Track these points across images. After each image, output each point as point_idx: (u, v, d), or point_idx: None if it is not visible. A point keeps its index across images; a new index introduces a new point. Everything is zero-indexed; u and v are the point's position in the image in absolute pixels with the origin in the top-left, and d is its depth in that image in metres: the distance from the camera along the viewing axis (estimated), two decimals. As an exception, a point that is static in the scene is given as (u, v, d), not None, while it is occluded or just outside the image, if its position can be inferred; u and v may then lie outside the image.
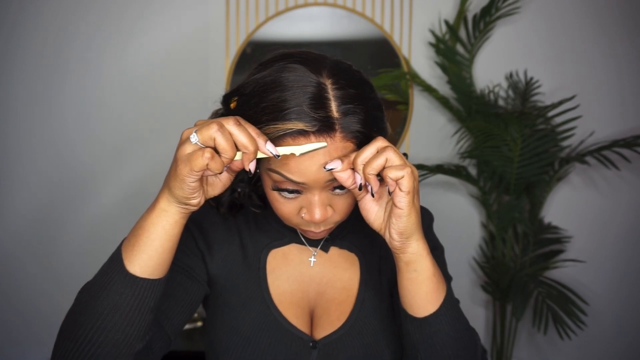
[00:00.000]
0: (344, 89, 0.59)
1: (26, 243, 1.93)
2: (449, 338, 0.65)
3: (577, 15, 1.94)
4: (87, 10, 1.87)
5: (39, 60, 1.88)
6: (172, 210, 0.57)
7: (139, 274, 0.57)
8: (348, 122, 0.58)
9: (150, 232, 0.57)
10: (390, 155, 0.57)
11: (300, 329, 0.74)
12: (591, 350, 2.04)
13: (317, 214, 0.63)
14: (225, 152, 0.53)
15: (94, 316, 0.57)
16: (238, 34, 1.91)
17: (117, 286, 0.57)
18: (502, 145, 1.78)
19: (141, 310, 0.58)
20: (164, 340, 0.68)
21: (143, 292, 0.58)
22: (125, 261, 0.58)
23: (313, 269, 0.77)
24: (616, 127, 1.95)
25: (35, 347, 1.95)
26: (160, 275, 0.59)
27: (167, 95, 1.93)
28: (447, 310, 0.65)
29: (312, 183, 0.60)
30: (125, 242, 0.59)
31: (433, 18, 1.93)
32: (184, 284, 0.72)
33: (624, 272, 2.02)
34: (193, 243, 0.75)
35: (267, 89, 0.59)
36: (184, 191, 0.55)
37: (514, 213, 1.82)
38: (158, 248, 0.58)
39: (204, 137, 0.52)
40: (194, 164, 0.52)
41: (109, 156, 1.94)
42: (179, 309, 0.70)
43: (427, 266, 0.64)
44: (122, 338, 0.57)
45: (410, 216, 0.60)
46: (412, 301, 0.65)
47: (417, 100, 1.97)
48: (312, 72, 0.59)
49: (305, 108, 0.57)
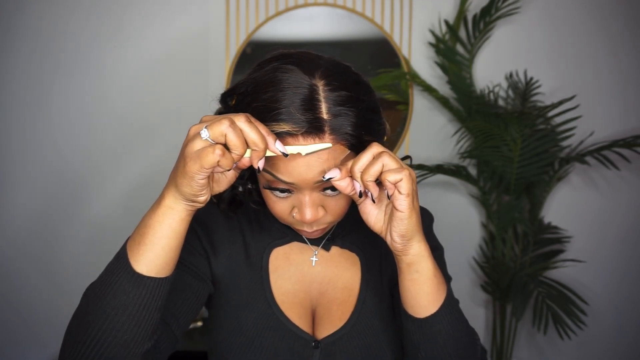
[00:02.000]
0: (336, 91, 0.59)
1: (25, 244, 1.93)
2: (449, 338, 0.65)
3: (577, 15, 1.94)
4: (87, 10, 1.87)
5: (40, 60, 1.88)
6: (179, 208, 0.57)
7: (145, 273, 0.57)
8: (338, 124, 0.58)
9: (156, 230, 0.57)
10: (386, 160, 0.58)
11: (302, 328, 0.75)
12: (591, 350, 2.04)
13: (307, 214, 0.63)
14: (236, 148, 0.52)
15: (101, 317, 0.56)
16: (238, 34, 1.91)
17: (124, 286, 0.56)
18: (502, 145, 1.78)
19: (149, 309, 0.57)
20: (171, 340, 0.68)
21: (150, 291, 0.57)
22: (131, 260, 0.57)
23: (315, 268, 0.78)
24: (616, 127, 1.95)
25: (35, 347, 1.95)
26: (168, 274, 0.59)
27: (167, 95, 1.93)
28: (447, 310, 0.66)
29: (301, 183, 0.61)
30: (130, 241, 0.59)
31: (433, 18, 1.93)
32: (190, 283, 0.72)
33: (624, 272, 2.02)
34: (198, 242, 0.75)
35: (261, 88, 0.60)
36: (192, 188, 0.54)
37: (514, 213, 1.82)
38: (165, 246, 0.57)
39: (214, 133, 0.52)
40: (205, 161, 0.51)
41: (109, 157, 1.94)
42: (185, 308, 0.70)
43: (429, 267, 0.64)
44: (131, 338, 0.57)
45: (411, 218, 0.60)
46: (413, 302, 0.65)
47: (417, 100, 1.97)
48: (305, 73, 0.59)
49: (295, 109, 0.57)
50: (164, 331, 0.66)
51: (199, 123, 0.55)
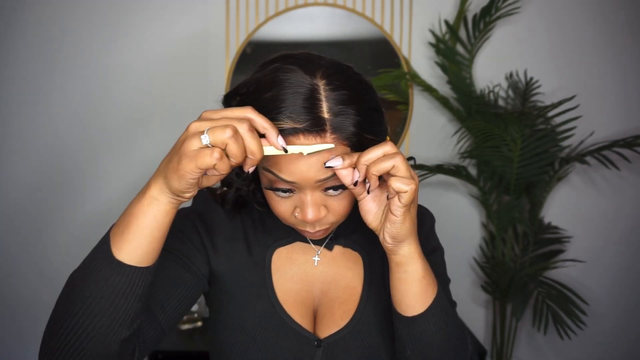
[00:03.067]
0: (337, 91, 0.60)
1: (19, 241, 1.93)
2: (435, 338, 0.67)
3: (577, 15, 1.94)
4: (88, 10, 1.87)
5: (41, 59, 1.88)
6: (164, 200, 0.57)
7: (126, 262, 0.57)
8: (339, 123, 0.59)
9: (140, 220, 0.57)
10: (399, 163, 0.58)
11: (305, 327, 0.75)
12: (591, 350, 2.04)
13: (309, 214, 0.63)
14: (235, 157, 0.52)
15: (80, 300, 0.57)
16: (238, 34, 1.91)
17: (103, 272, 0.57)
18: (502, 145, 1.78)
19: (128, 297, 0.57)
20: (157, 330, 0.68)
21: (130, 280, 0.57)
22: (113, 248, 0.57)
23: (317, 268, 0.78)
24: (616, 127, 1.95)
25: (35, 347, 1.95)
26: (149, 264, 0.59)
27: (167, 94, 1.93)
28: (435, 312, 0.67)
29: (302, 182, 0.61)
30: (114, 228, 0.59)
31: (433, 18, 1.93)
32: (183, 276, 0.72)
33: (624, 272, 2.02)
34: (197, 238, 0.75)
35: (262, 88, 0.60)
36: (181, 185, 0.54)
37: (514, 213, 1.82)
38: (148, 236, 0.57)
39: (216, 141, 0.52)
40: (201, 162, 0.51)
41: (108, 156, 1.94)
42: (175, 301, 0.70)
43: (417, 269, 0.65)
44: (108, 324, 0.57)
45: (404, 224, 0.61)
46: (401, 300, 0.67)
47: (417, 100, 1.97)
48: (306, 73, 0.60)
49: (297, 108, 0.58)
50: (150, 321, 0.66)
51: (199, 119, 0.54)
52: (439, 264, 0.81)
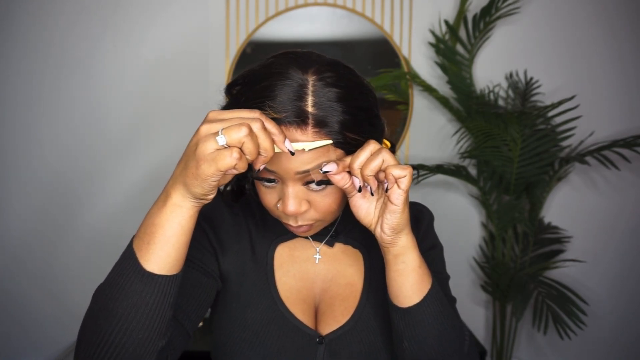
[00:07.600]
0: (327, 87, 0.61)
1: (24, 248, 1.93)
2: (431, 329, 0.67)
3: (577, 15, 1.94)
4: (88, 10, 1.87)
5: (42, 60, 1.88)
6: (187, 206, 0.57)
7: (157, 272, 0.57)
8: (323, 118, 0.60)
9: (165, 228, 0.57)
10: (386, 156, 0.61)
11: (306, 324, 0.76)
12: (591, 350, 2.04)
13: (289, 206, 0.64)
14: (251, 155, 0.53)
15: (114, 318, 0.56)
16: (238, 34, 1.91)
17: (135, 286, 0.57)
18: (502, 145, 1.78)
19: (162, 307, 0.58)
20: (183, 336, 0.69)
21: (162, 289, 0.58)
22: (141, 260, 0.57)
23: (318, 265, 0.79)
24: (616, 127, 1.95)
25: (33, 352, 1.95)
26: (178, 271, 0.59)
27: (167, 95, 1.93)
28: (431, 302, 0.68)
29: (282, 172, 0.62)
30: (137, 240, 0.59)
31: (433, 18, 1.93)
32: (200, 280, 0.73)
33: (624, 272, 2.02)
34: (206, 240, 0.77)
35: (256, 80, 0.62)
36: (204, 189, 0.55)
37: (514, 213, 1.82)
38: (175, 244, 0.58)
39: (232, 141, 0.52)
40: (222, 164, 0.52)
41: (109, 157, 1.94)
42: (196, 305, 0.72)
43: (414, 258, 0.67)
44: (145, 337, 0.57)
45: (404, 212, 0.63)
46: (398, 292, 0.68)
47: (417, 100, 1.97)
48: (299, 68, 0.61)
49: (282, 99, 0.59)
50: (176, 328, 0.67)
51: (207, 121, 0.54)
52: (438, 260, 0.82)
